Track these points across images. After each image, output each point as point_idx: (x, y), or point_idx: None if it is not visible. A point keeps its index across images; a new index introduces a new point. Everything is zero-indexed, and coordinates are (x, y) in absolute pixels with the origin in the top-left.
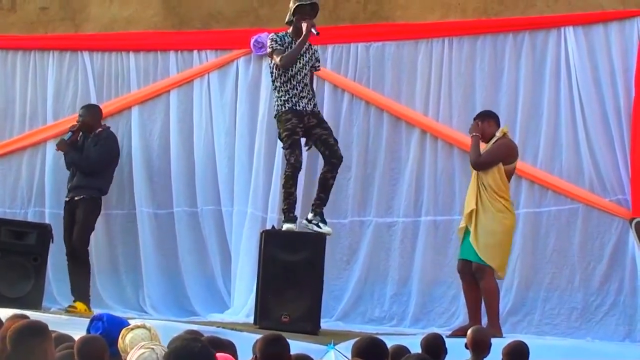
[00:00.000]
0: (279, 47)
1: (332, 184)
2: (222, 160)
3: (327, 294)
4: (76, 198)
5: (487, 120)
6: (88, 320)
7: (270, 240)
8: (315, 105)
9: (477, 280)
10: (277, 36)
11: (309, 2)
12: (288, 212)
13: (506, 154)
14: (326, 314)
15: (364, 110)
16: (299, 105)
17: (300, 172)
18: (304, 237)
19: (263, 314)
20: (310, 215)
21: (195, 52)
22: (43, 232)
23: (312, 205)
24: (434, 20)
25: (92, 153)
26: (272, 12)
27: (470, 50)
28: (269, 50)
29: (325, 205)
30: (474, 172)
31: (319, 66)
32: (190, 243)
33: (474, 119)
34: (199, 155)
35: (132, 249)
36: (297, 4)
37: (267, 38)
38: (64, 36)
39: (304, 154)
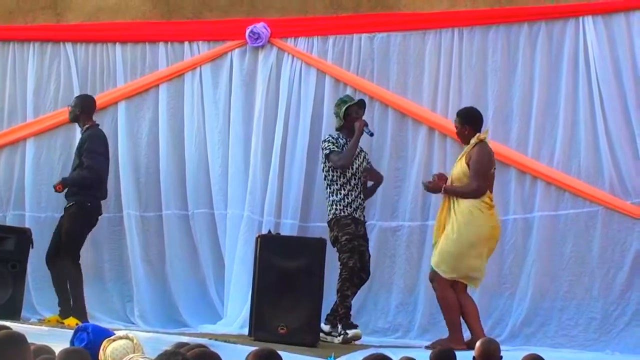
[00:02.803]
0: (335, 149)
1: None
2: (215, 160)
3: (327, 304)
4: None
5: (463, 124)
6: (71, 331)
7: (267, 246)
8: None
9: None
10: (332, 137)
11: (355, 101)
12: (346, 319)
13: (488, 164)
14: None
15: (367, 106)
16: (357, 214)
17: (300, 176)
18: (303, 241)
19: (258, 325)
20: (327, 328)
21: (186, 43)
22: (22, 237)
23: (329, 316)
24: (442, 9)
25: (85, 166)
26: (268, 1)
27: (482, 42)
28: (325, 152)
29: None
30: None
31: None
32: (180, 248)
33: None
34: (190, 154)
35: (118, 255)
36: (346, 106)
37: (263, 28)
38: (45, 26)
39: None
